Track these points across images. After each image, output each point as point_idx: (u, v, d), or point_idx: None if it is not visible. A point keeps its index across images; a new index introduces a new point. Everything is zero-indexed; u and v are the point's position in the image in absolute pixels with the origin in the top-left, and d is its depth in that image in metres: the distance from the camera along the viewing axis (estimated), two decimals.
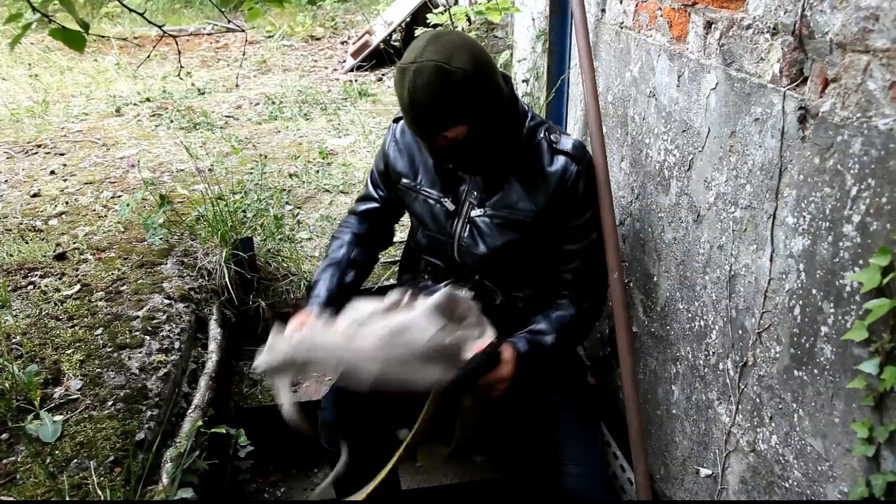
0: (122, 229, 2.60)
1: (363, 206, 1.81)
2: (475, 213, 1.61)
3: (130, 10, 1.60)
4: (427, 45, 1.41)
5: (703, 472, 1.57)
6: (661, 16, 1.62)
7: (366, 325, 1.40)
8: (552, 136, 1.59)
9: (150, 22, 1.80)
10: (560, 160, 1.56)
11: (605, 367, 2.19)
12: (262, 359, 1.40)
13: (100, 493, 1.40)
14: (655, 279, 1.74)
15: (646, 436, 1.80)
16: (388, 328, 1.38)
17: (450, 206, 1.62)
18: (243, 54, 5.80)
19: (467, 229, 1.62)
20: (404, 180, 1.69)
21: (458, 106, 1.42)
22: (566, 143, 1.58)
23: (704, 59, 1.43)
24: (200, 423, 1.65)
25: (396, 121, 1.74)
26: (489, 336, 1.51)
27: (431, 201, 1.65)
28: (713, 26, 1.39)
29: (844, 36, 1.01)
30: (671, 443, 1.72)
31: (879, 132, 0.96)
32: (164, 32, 1.63)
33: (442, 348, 1.39)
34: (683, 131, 1.53)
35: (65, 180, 3.20)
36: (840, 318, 1.07)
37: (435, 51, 1.40)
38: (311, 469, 2.23)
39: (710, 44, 1.40)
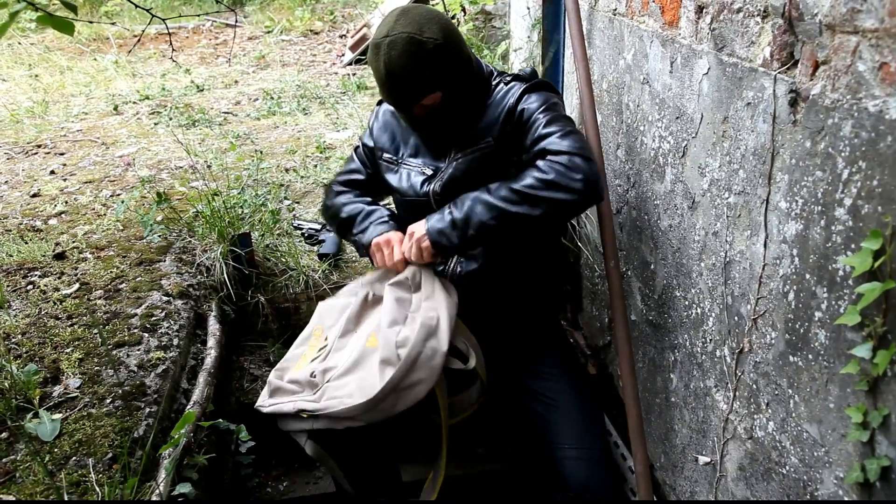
0: (121, 227, 2.60)
1: (348, 177, 1.87)
2: (450, 168, 1.69)
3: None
4: (398, 19, 1.52)
5: (702, 459, 1.56)
6: (654, 1, 1.61)
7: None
8: (507, 77, 1.70)
9: (137, 6, 1.80)
10: (507, 86, 1.67)
11: (605, 356, 2.19)
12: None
13: (98, 490, 1.40)
14: (652, 267, 1.73)
15: (645, 424, 1.79)
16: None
17: (428, 171, 1.71)
18: (231, 45, 5.79)
19: (440, 184, 1.69)
20: (385, 155, 1.79)
21: (433, 73, 1.52)
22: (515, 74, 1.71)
23: (696, 44, 1.41)
24: (195, 417, 1.65)
25: (380, 103, 1.86)
26: (440, 298, 1.57)
27: (412, 171, 1.74)
28: (704, 10, 1.37)
29: (833, 17, 1.00)
30: (670, 431, 1.72)
31: (869, 114, 0.95)
32: (150, 14, 1.62)
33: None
34: (677, 118, 1.52)
35: (64, 180, 3.20)
36: (833, 302, 1.06)
37: (406, 23, 1.50)
38: (313, 463, 2.23)
39: (702, 28, 1.39)
